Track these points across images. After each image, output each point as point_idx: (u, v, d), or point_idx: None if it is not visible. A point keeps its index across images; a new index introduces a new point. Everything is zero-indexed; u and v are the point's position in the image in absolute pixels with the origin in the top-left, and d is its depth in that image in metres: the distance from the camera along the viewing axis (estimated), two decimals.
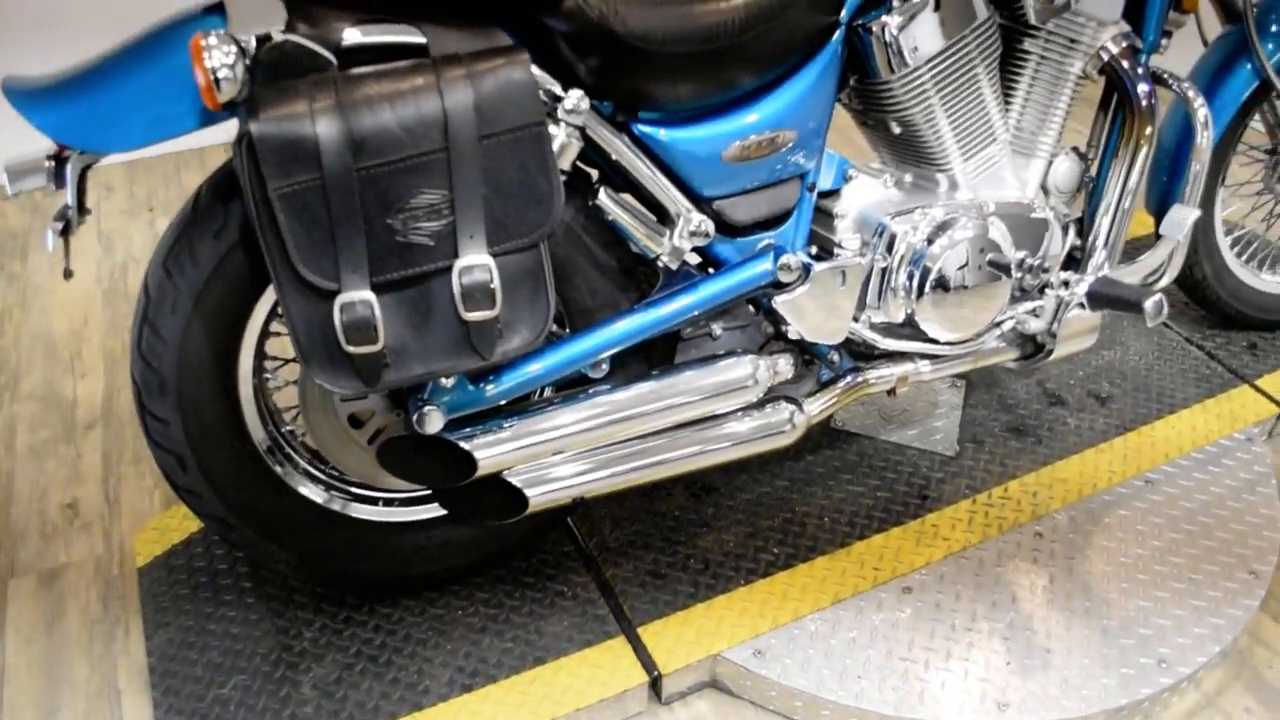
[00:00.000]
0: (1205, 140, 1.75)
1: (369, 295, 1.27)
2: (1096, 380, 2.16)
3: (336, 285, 1.26)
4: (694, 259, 1.60)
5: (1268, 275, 2.27)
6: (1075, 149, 1.81)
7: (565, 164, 1.40)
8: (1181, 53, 2.02)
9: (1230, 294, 2.20)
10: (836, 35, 1.54)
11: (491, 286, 1.30)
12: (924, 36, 1.54)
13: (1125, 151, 1.74)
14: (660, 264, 1.54)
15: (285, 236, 1.23)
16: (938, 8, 1.54)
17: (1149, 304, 1.65)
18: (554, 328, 1.57)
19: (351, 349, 1.28)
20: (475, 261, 1.29)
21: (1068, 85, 1.71)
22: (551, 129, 1.37)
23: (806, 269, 1.59)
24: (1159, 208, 2.05)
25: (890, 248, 1.63)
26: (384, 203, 1.24)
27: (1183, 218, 1.77)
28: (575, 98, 1.36)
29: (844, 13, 1.54)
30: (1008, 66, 1.70)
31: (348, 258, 1.25)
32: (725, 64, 1.43)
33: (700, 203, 1.52)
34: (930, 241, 1.62)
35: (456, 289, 1.29)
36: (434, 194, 1.26)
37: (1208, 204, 2.06)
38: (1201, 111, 1.74)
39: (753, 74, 1.47)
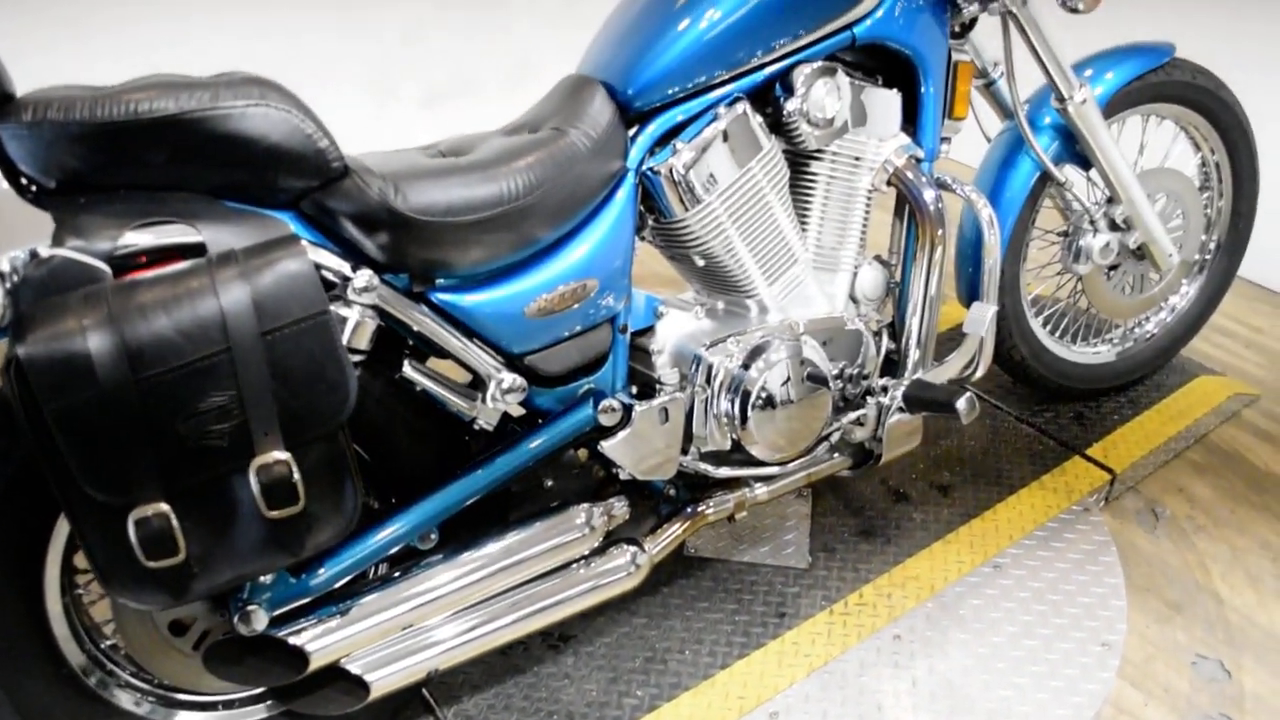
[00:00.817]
0: (993, 238, 1.84)
1: (164, 507, 1.22)
2: (938, 471, 2.21)
3: (128, 499, 1.21)
4: (518, 411, 1.59)
5: (1081, 347, 2.38)
6: (878, 257, 1.88)
7: (363, 343, 1.38)
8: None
9: (1050, 370, 2.29)
10: (627, 181, 1.58)
11: (292, 481, 1.26)
12: (712, 173, 1.59)
13: (922, 256, 1.81)
14: (477, 426, 1.52)
15: (67, 456, 1.17)
16: (722, 144, 1.59)
17: (960, 403, 1.70)
18: (376, 503, 1.53)
19: (152, 564, 1.22)
20: (272, 458, 1.25)
21: (860, 200, 1.78)
22: (343, 310, 1.35)
23: (628, 410, 1.60)
24: (968, 299, 2.13)
25: (708, 378, 1.66)
26: (170, 410, 1.20)
27: (982, 314, 1.84)
28: (364, 278, 1.35)
29: (631, 159, 1.58)
30: (800, 189, 1.76)
31: (137, 471, 1.20)
32: (514, 225, 1.44)
33: (511, 360, 1.52)
34: (746, 366, 1.65)
35: (256, 488, 1.25)
36: (221, 395, 1.22)
37: (1013, 289, 2.15)
38: (985, 212, 1.83)
39: (544, 230, 1.49)
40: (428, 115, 3.09)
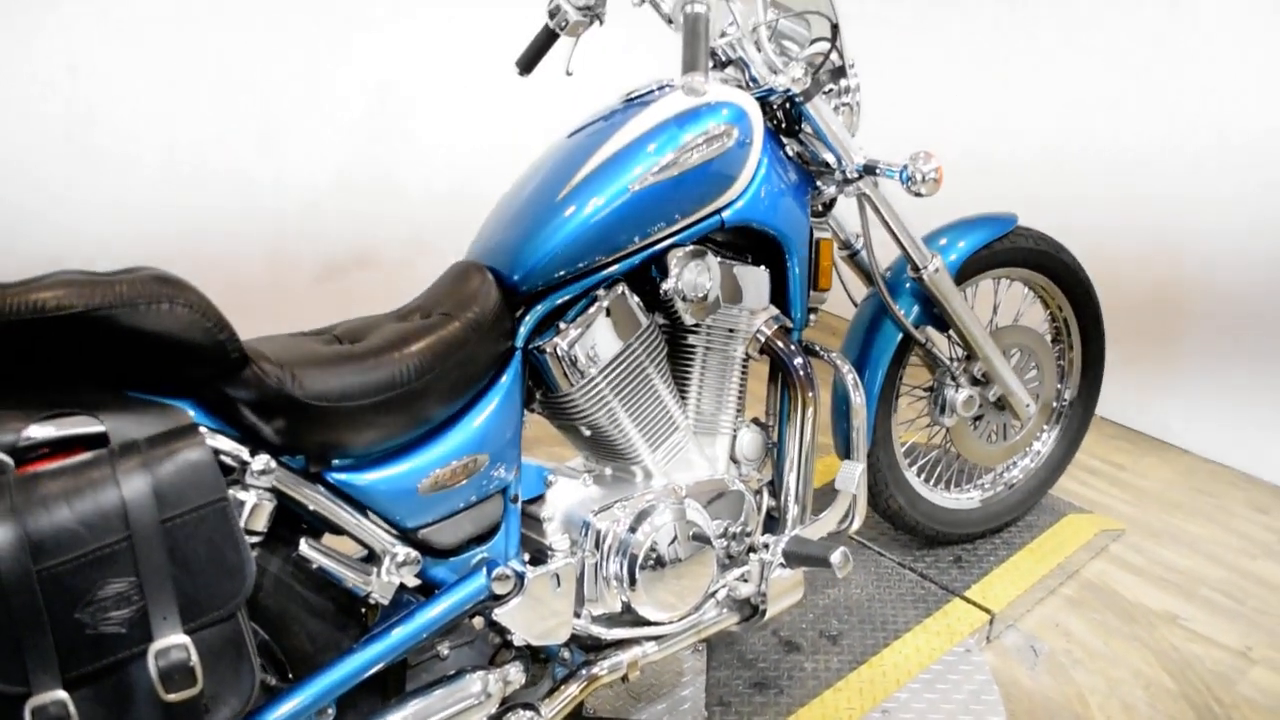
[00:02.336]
0: (858, 399, 1.98)
1: (61, 694, 1.24)
2: (826, 619, 2.30)
3: (25, 688, 1.23)
4: (414, 582, 1.64)
5: (955, 493, 2.52)
6: (756, 420, 2.00)
7: (260, 524, 1.44)
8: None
9: (926, 517, 2.42)
10: (514, 360, 1.68)
11: (190, 664, 1.29)
12: (594, 350, 1.70)
13: (794, 417, 1.94)
14: (373, 601, 1.57)
15: None
16: (603, 323, 1.71)
17: (835, 557, 1.81)
18: (273, 680, 1.56)
19: None
20: (171, 642, 1.28)
21: (735, 368, 1.91)
22: (240, 494, 1.41)
23: (520, 578, 1.66)
24: (845, 455, 2.27)
25: (597, 543, 1.74)
26: (70, 599, 1.24)
27: (851, 472, 1.97)
28: (261, 462, 1.42)
29: (519, 339, 1.69)
30: (680, 360, 1.88)
31: (34, 659, 1.23)
32: (406, 408, 1.53)
33: (405, 534, 1.58)
34: (633, 530, 1.74)
35: (154, 672, 1.28)
36: (121, 582, 1.26)
37: (886, 442, 2.30)
38: (849, 376, 1.98)
39: (436, 411, 1.58)
40: (323, 289, 3.18)
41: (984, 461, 2.50)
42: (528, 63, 2.07)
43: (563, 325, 1.70)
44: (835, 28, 1.85)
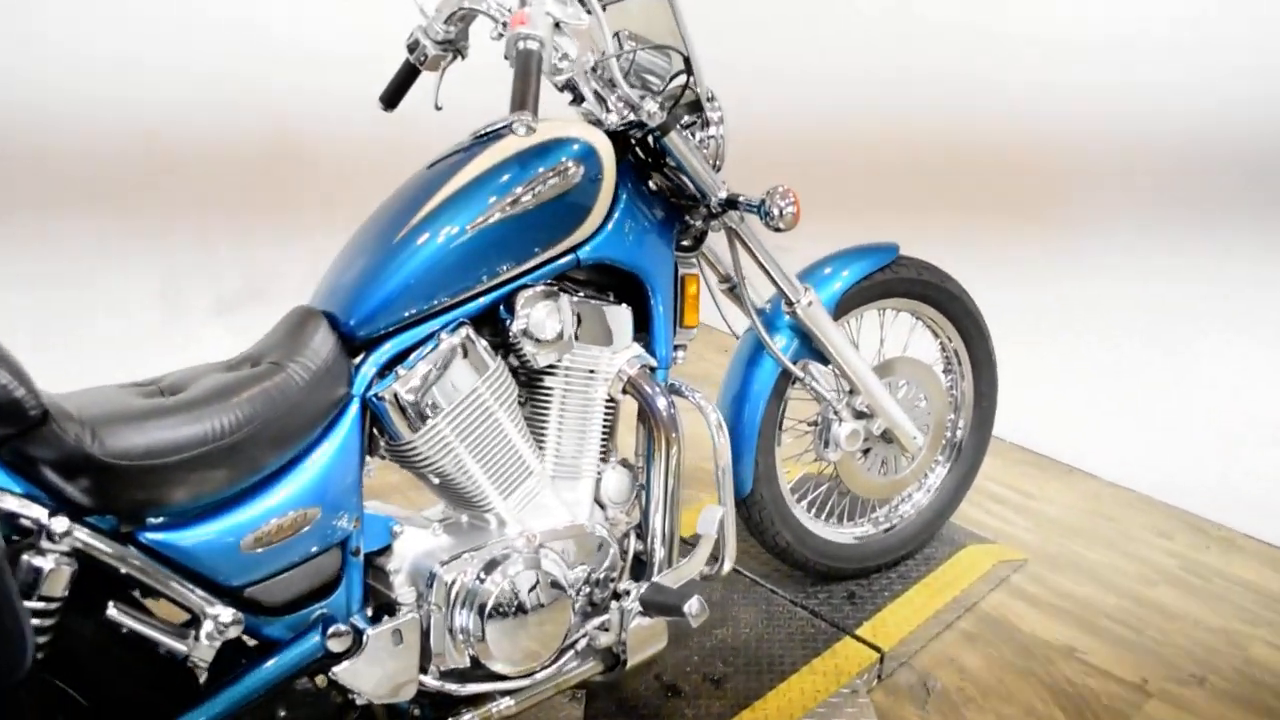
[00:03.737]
0: (722, 442, 1.94)
1: None
2: (711, 662, 2.25)
3: None
4: (249, 641, 1.57)
5: (847, 527, 2.48)
6: (624, 460, 1.95)
7: (58, 590, 1.36)
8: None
9: (817, 553, 2.38)
10: (351, 408, 1.62)
11: None
12: (436, 396, 1.65)
13: (659, 460, 1.89)
14: (192, 663, 1.50)
15: None
16: (444, 368, 1.65)
17: (690, 606, 1.76)
18: None
19: None
20: None
21: (596, 410, 1.86)
22: (36, 559, 1.34)
23: (359, 634, 1.60)
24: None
25: (444, 595, 1.67)
26: None
27: (711, 516, 1.92)
28: (60, 524, 1.35)
29: (356, 386, 1.63)
30: (537, 402, 1.83)
31: None
32: (222, 463, 1.46)
33: (230, 593, 1.51)
34: (482, 581, 1.68)
35: None
36: None
37: (770, 478, 2.25)
38: (713, 417, 1.94)
39: (258, 464, 1.51)
40: (219, 325, 3.11)
41: (874, 495, 2.46)
42: (390, 98, 2.01)
43: (401, 371, 1.64)
44: (687, 61, 1.82)
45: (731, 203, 1.91)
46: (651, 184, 1.92)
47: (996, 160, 3.16)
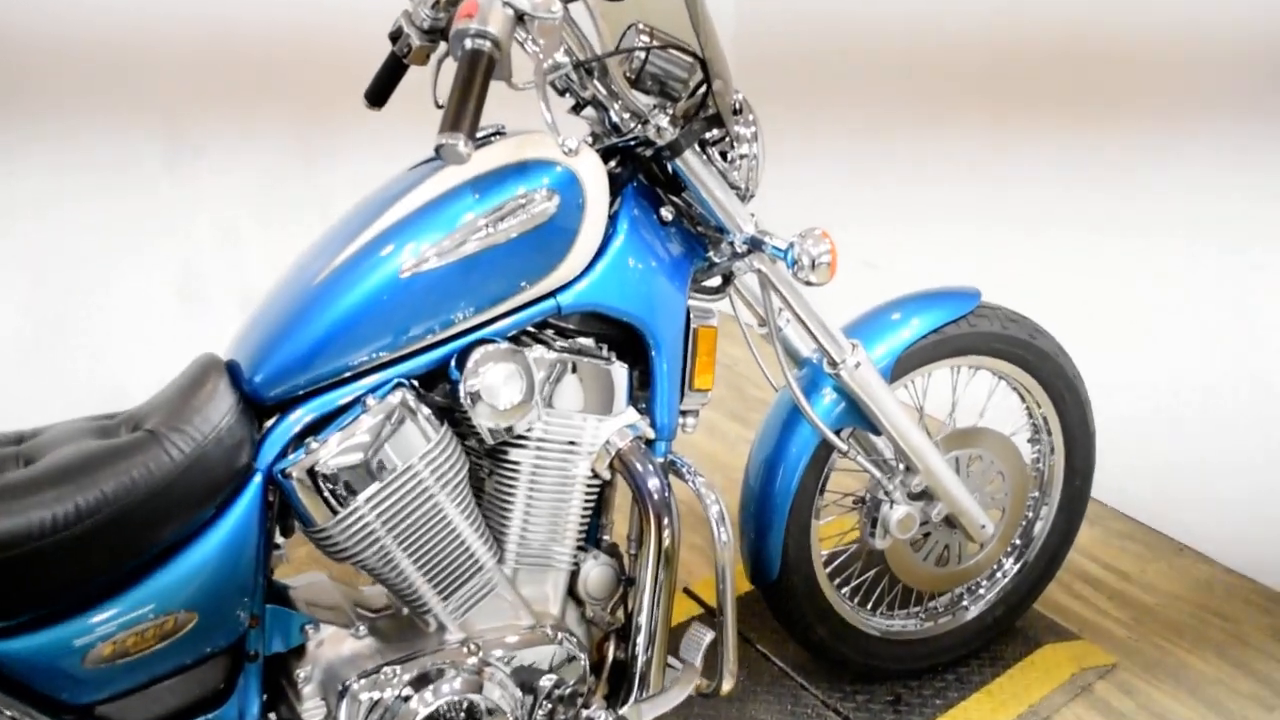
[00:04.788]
0: (724, 536, 1.57)
1: None
2: None
3: None
4: None
5: (896, 618, 2.09)
6: (612, 546, 1.62)
7: None
8: None
9: (857, 650, 2.00)
10: (252, 486, 1.32)
11: None
12: (356, 475, 1.33)
13: (649, 551, 1.54)
14: None
15: None
16: (372, 440, 1.33)
17: None
18: None
19: None
20: None
21: (576, 489, 1.52)
22: None
23: None
24: (753, 578, 1.88)
25: (359, 715, 1.36)
26: None
27: (699, 639, 1.57)
28: None
29: (261, 459, 1.32)
30: (502, 478, 1.49)
31: None
32: (66, 559, 1.17)
33: (74, 712, 1.23)
34: (405, 701, 1.36)
35: None
36: None
37: (803, 563, 1.88)
38: (714, 509, 1.57)
39: (116, 559, 1.22)
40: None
41: (929, 588, 2.07)
42: (376, 95, 1.69)
43: (314, 444, 1.32)
44: (704, 64, 1.44)
45: (756, 244, 1.53)
46: (665, 212, 1.56)
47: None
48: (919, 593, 2.12)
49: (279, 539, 1.41)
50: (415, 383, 1.40)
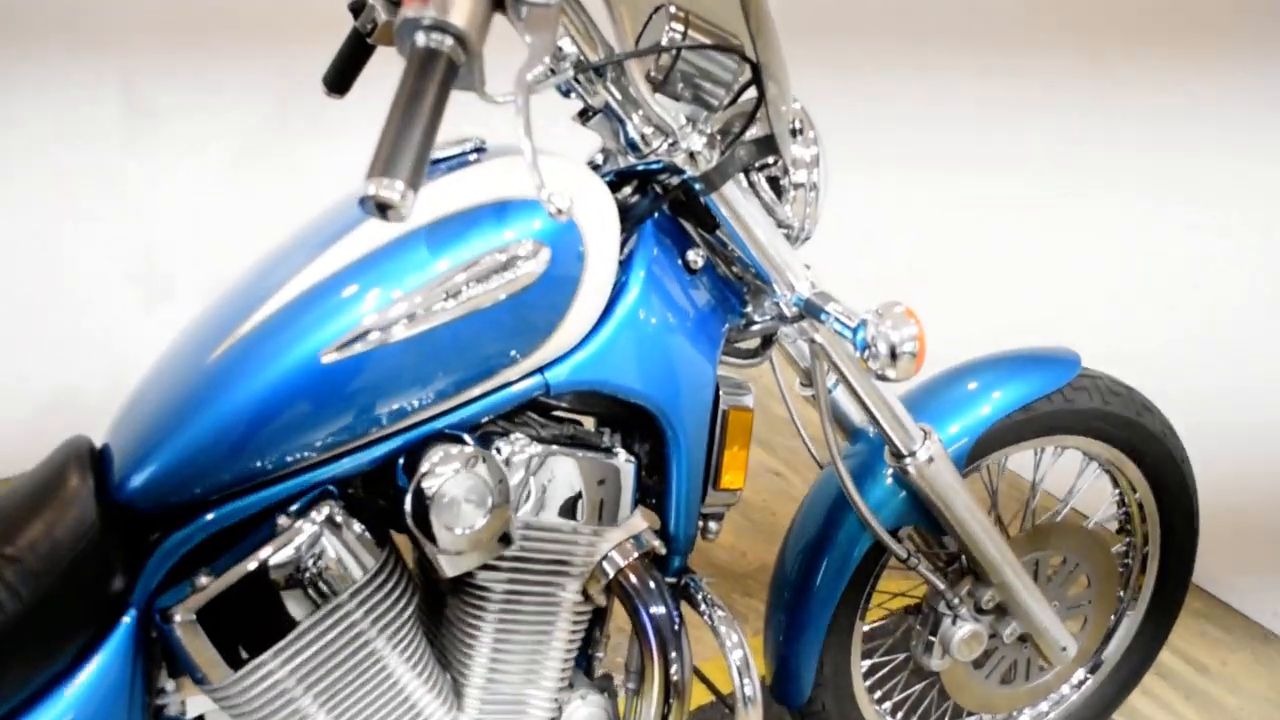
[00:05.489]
0: (747, 687, 1.22)
1: None
2: None
3: None
4: None
5: None
6: (604, 679, 1.27)
7: None
8: None
9: None
10: (123, 629, 0.97)
11: None
12: (262, 617, 0.98)
13: (651, 689, 1.19)
14: None
15: None
16: (284, 572, 0.99)
17: None
18: None
19: None
20: None
21: (561, 619, 1.17)
22: None
23: None
24: (779, 695, 1.54)
25: None
26: None
27: None
28: None
29: (138, 592, 0.98)
30: (467, 602, 1.15)
31: None
32: None
33: None
34: None
35: None
36: None
37: (839, 686, 1.53)
38: (736, 654, 1.22)
39: None
40: None
41: (988, 710, 1.71)
42: (338, 79, 1.32)
43: (204, 578, 0.97)
44: (756, 69, 1.07)
45: (812, 310, 1.16)
46: (694, 256, 1.19)
47: None
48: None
49: (166, 683, 1.06)
50: (348, 488, 1.05)
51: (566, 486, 1.12)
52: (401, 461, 1.05)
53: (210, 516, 0.99)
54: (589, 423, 1.19)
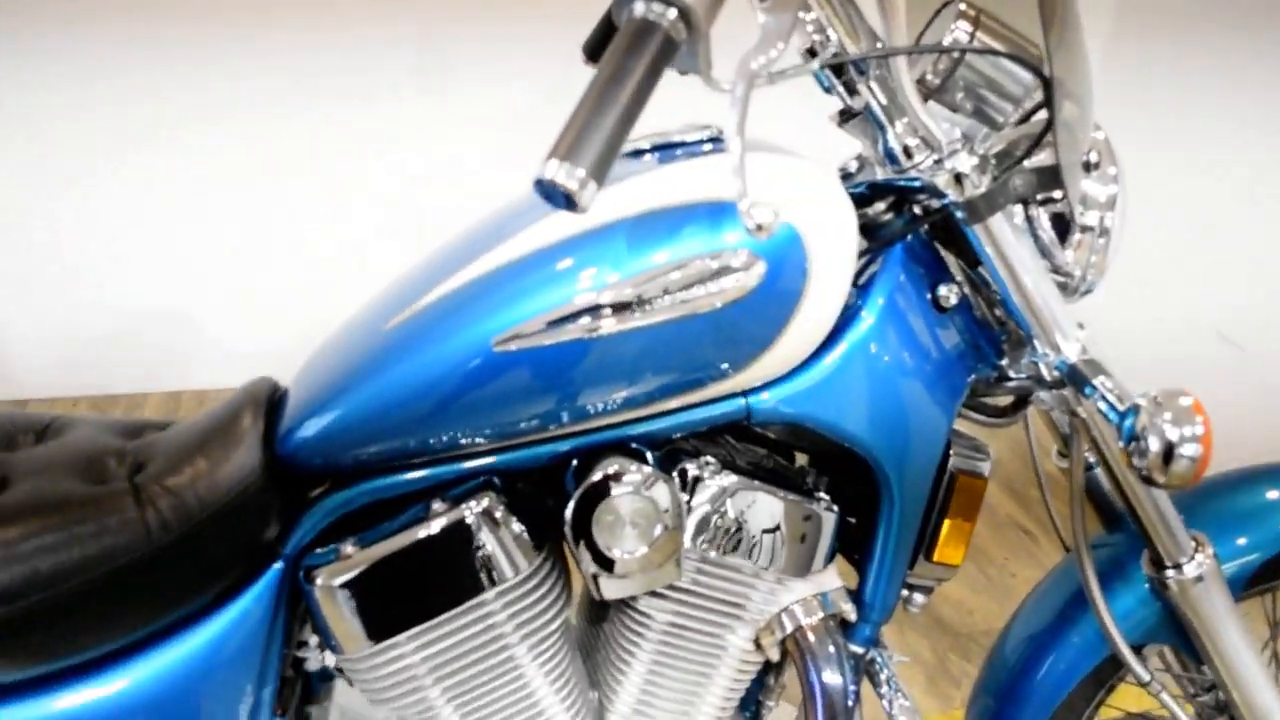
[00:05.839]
0: None
1: None
2: None
3: None
4: None
5: None
6: None
7: None
8: None
9: None
10: (271, 576, 0.96)
11: None
12: (399, 599, 0.93)
13: None
14: None
15: None
16: (428, 559, 0.93)
17: None
18: None
19: None
20: None
21: (725, 664, 1.06)
22: None
23: None
24: None
25: None
26: None
27: None
28: None
29: (291, 541, 0.96)
30: (623, 627, 1.06)
31: None
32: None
33: None
34: None
35: None
36: None
37: None
38: None
39: (55, 650, 0.90)
40: None
41: None
42: (595, 49, 1.25)
43: (350, 547, 0.94)
44: (1048, 84, 0.89)
45: (1076, 379, 0.97)
46: (946, 292, 1.04)
47: None
48: None
49: (310, 636, 1.04)
50: (516, 482, 0.98)
51: (754, 525, 1.00)
52: (574, 465, 0.96)
53: (371, 485, 0.96)
54: (786, 467, 1.06)
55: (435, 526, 0.93)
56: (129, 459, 0.97)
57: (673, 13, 0.69)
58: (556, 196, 0.66)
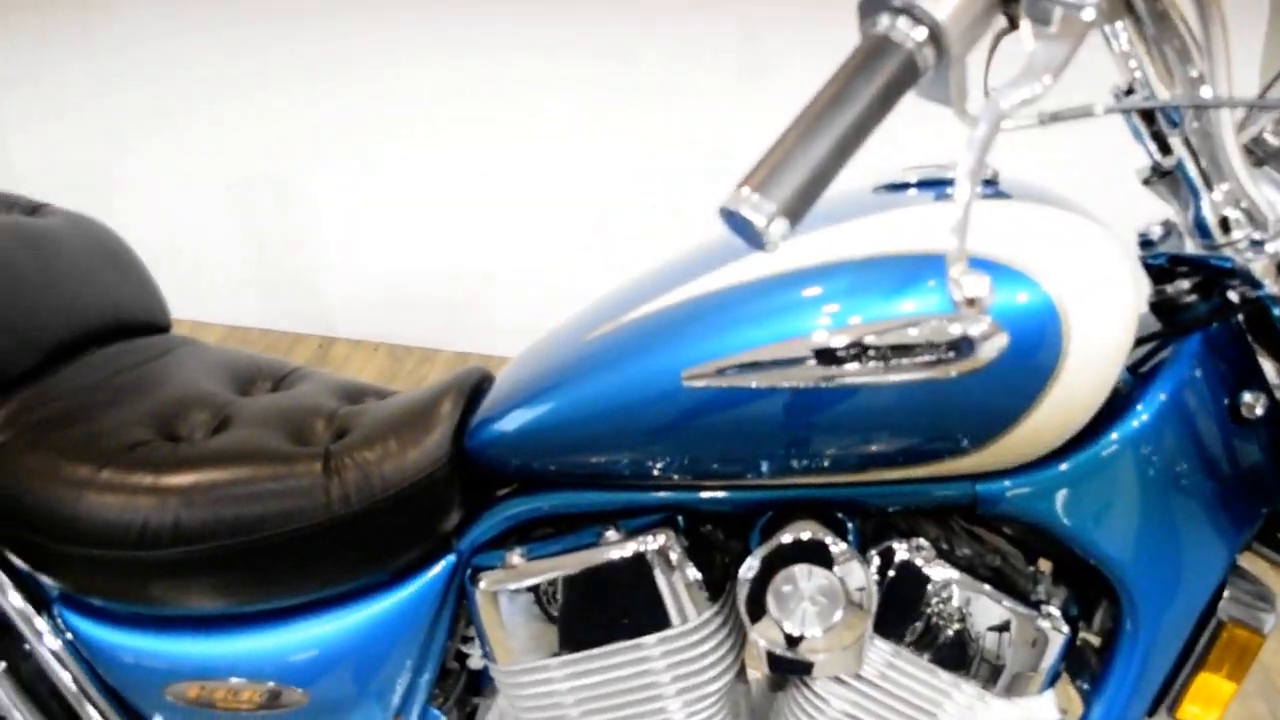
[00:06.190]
0: None
1: None
2: None
3: None
4: None
5: None
6: None
7: None
8: None
9: None
10: (443, 568, 0.94)
11: None
12: (547, 619, 0.90)
13: None
14: None
15: None
16: (589, 584, 0.88)
17: None
18: None
19: None
20: None
21: None
22: None
23: None
24: None
25: None
26: None
27: None
28: None
29: (466, 539, 0.94)
30: (797, 710, 0.96)
31: None
32: (170, 575, 0.91)
33: None
34: None
35: None
36: None
37: None
38: None
39: (240, 593, 0.93)
40: None
41: None
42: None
43: (515, 557, 0.90)
44: None
45: None
46: (1252, 400, 0.85)
47: None
48: None
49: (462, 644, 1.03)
50: (704, 523, 0.91)
51: (964, 629, 0.87)
52: (764, 521, 0.88)
53: (556, 497, 0.92)
54: (1012, 571, 0.92)
55: (606, 555, 0.87)
56: (336, 423, 0.98)
57: (922, 32, 0.59)
58: (742, 230, 0.58)
